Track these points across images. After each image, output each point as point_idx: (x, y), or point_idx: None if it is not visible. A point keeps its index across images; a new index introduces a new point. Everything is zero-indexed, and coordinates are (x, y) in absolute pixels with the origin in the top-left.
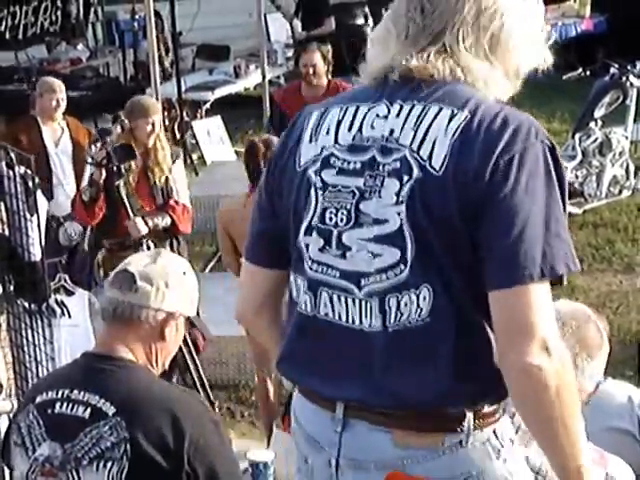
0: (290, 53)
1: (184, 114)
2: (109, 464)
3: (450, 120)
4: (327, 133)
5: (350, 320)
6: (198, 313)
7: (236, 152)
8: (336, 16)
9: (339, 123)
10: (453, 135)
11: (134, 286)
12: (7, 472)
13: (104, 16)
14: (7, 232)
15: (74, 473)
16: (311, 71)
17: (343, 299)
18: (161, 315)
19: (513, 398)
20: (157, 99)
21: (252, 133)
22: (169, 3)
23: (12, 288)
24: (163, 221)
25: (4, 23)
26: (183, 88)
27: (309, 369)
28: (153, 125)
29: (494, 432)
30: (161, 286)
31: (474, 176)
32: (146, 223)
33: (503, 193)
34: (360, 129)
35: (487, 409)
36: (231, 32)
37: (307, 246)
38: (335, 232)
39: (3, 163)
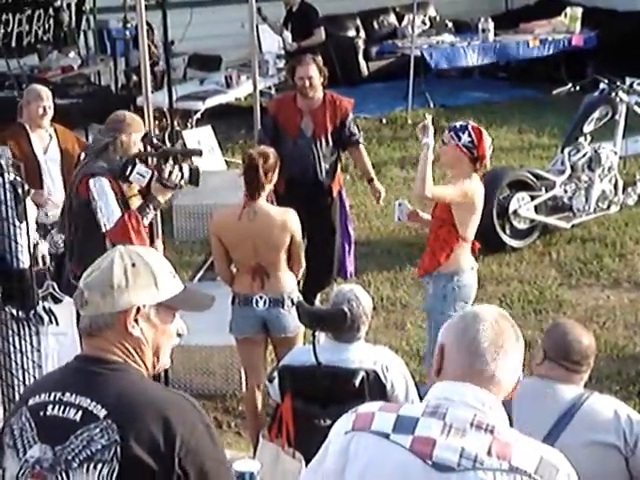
0: (281, 64)
1: (175, 123)
2: (99, 466)
3: None
4: None
5: None
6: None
7: (226, 162)
8: (326, 27)
9: None
10: None
11: (83, 299)
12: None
13: (96, 25)
14: None
15: (64, 475)
16: (307, 83)
17: None
18: (116, 316)
19: None
20: (148, 108)
21: (242, 143)
22: (161, 12)
23: (0, 295)
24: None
25: None
26: (174, 97)
27: None
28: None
29: None
30: (106, 291)
31: None
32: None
33: None
34: None
35: None
36: (223, 42)
37: None
38: None
39: None
